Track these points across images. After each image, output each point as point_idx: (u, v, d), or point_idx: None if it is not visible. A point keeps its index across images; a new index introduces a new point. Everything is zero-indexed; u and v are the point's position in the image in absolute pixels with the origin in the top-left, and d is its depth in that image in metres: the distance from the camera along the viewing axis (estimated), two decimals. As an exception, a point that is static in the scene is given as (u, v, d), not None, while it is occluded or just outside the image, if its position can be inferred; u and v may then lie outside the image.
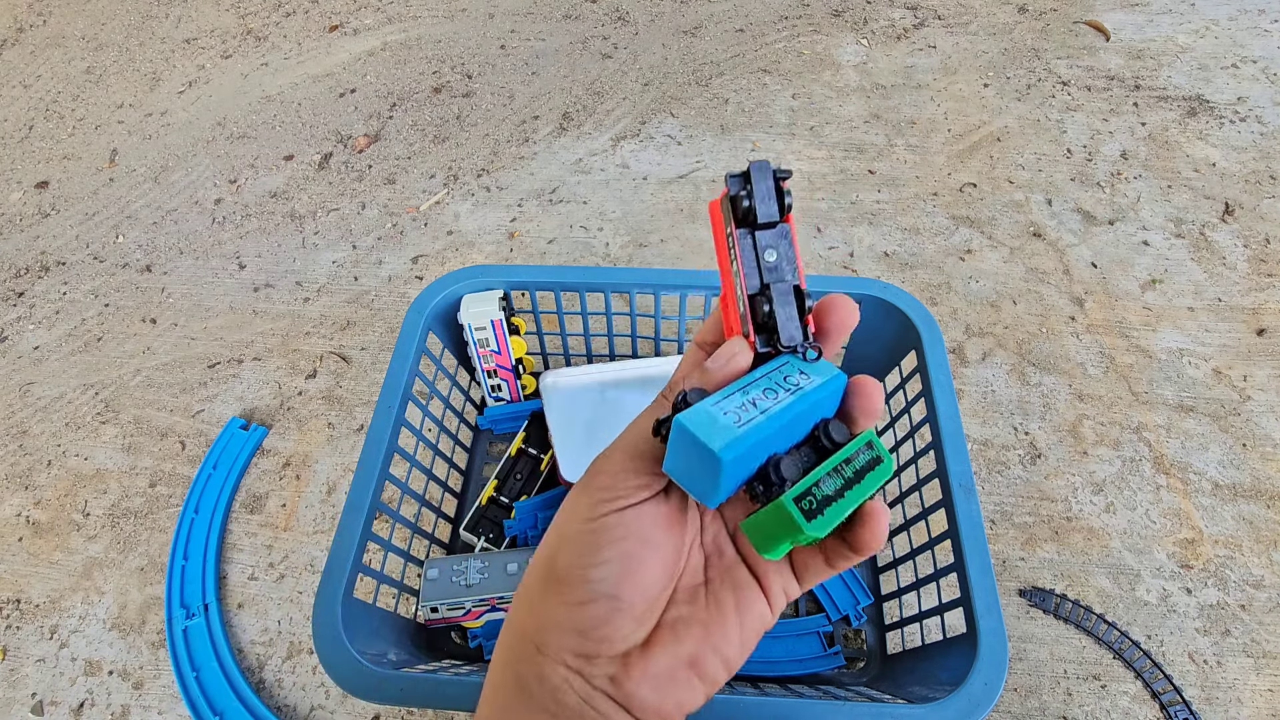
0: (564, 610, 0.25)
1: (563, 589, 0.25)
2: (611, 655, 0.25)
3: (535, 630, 0.26)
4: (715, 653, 0.26)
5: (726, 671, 0.26)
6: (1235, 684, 0.60)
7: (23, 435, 0.80)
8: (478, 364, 0.70)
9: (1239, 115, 1.05)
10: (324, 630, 0.48)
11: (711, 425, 0.23)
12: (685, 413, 0.23)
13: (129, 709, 0.62)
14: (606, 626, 0.24)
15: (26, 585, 0.69)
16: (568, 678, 0.25)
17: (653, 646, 0.25)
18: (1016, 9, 1.25)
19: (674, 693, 0.25)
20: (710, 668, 0.25)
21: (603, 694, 0.25)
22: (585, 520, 0.25)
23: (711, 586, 0.27)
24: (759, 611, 0.27)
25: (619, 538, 0.25)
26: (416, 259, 0.93)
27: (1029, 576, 0.66)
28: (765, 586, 0.27)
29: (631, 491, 0.25)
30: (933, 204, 0.96)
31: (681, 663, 0.25)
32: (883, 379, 0.70)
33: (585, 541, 0.25)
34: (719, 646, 0.26)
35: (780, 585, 0.27)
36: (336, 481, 0.74)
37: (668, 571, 0.26)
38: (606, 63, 1.19)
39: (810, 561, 0.27)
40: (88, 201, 1.04)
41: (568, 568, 0.25)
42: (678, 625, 0.26)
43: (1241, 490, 0.70)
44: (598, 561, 0.24)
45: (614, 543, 0.25)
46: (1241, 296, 0.85)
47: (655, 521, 0.25)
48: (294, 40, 1.29)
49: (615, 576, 0.24)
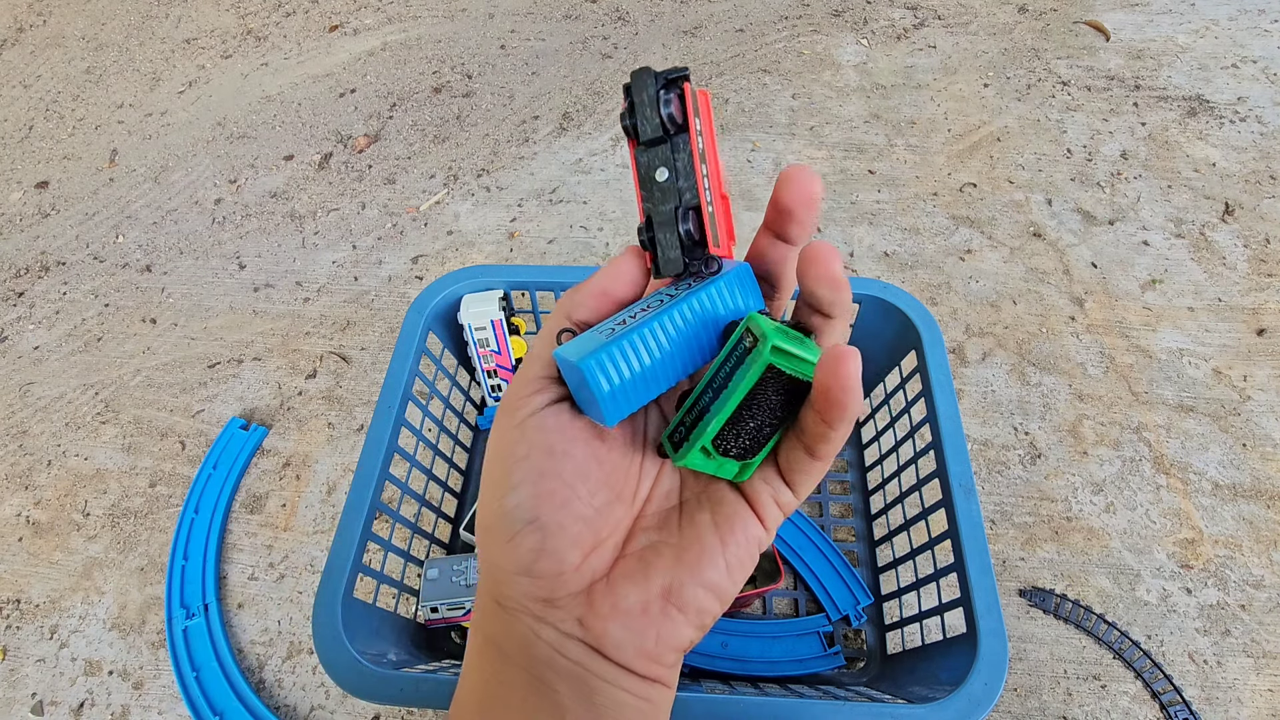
0: (502, 554, 0.23)
1: (492, 532, 0.23)
2: (573, 593, 0.23)
3: (491, 586, 0.24)
4: (695, 580, 0.23)
5: (717, 601, 0.23)
6: (1235, 684, 0.60)
7: (23, 435, 0.80)
8: (478, 364, 0.70)
9: (1239, 115, 1.05)
10: (324, 630, 0.48)
11: (580, 344, 0.23)
12: (563, 346, 0.23)
13: (129, 709, 0.62)
14: (544, 557, 0.22)
15: (26, 585, 0.69)
16: (534, 628, 0.23)
17: (618, 579, 0.23)
18: (1016, 9, 1.25)
19: (650, 629, 0.23)
20: (691, 597, 0.23)
21: (574, 640, 0.23)
22: (493, 450, 0.24)
23: (687, 508, 0.25)
24: (746, 529, 0.24)
25: (521, 456, 0.23)
26: (416, 259, 0.93)
27: (1029, 576, 0.66)
28: (751, 499, 0.24)
29: (525, 401, 0.23)
30: (933, 204, 0.96)
31: (654, 595, 0.23)
32: (883, 379, 0.70)
33: (496, 470, 0.23)
34: (698, 573, 0.23)
35: (769, 495, 0.24)
36: (336, 481, 0.74)
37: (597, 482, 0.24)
38: (606, 63, 1.19)
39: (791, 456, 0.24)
40: (88, 201, 1.04)
41: (488, 507, 0.23)
42: (646, 554, 0.24)
43: (1241, 490, 0.70)
44: (509, 488, 0.23)
45: (518, 462, 0.23)
46: (1241, 296, 0.85)
47: (562, 430, 0.23)
48: (294, 40, 1.29)
49: (529, 499, 0.22)
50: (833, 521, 0.69)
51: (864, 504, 0.70)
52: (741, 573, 0.24)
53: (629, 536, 0.25)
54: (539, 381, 0.24)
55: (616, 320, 0.24)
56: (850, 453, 0.73)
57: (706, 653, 0.60)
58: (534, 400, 0.24)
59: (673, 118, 0.23)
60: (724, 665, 0.60)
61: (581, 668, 0.23)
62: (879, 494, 0.68)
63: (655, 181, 0.24)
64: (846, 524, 0.69)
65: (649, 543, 0.24)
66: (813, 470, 0.23)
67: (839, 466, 0.73)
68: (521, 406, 0.23)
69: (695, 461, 0.23)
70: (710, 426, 0.22)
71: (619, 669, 0.23)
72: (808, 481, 0.24)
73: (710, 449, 0.23)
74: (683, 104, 0.23)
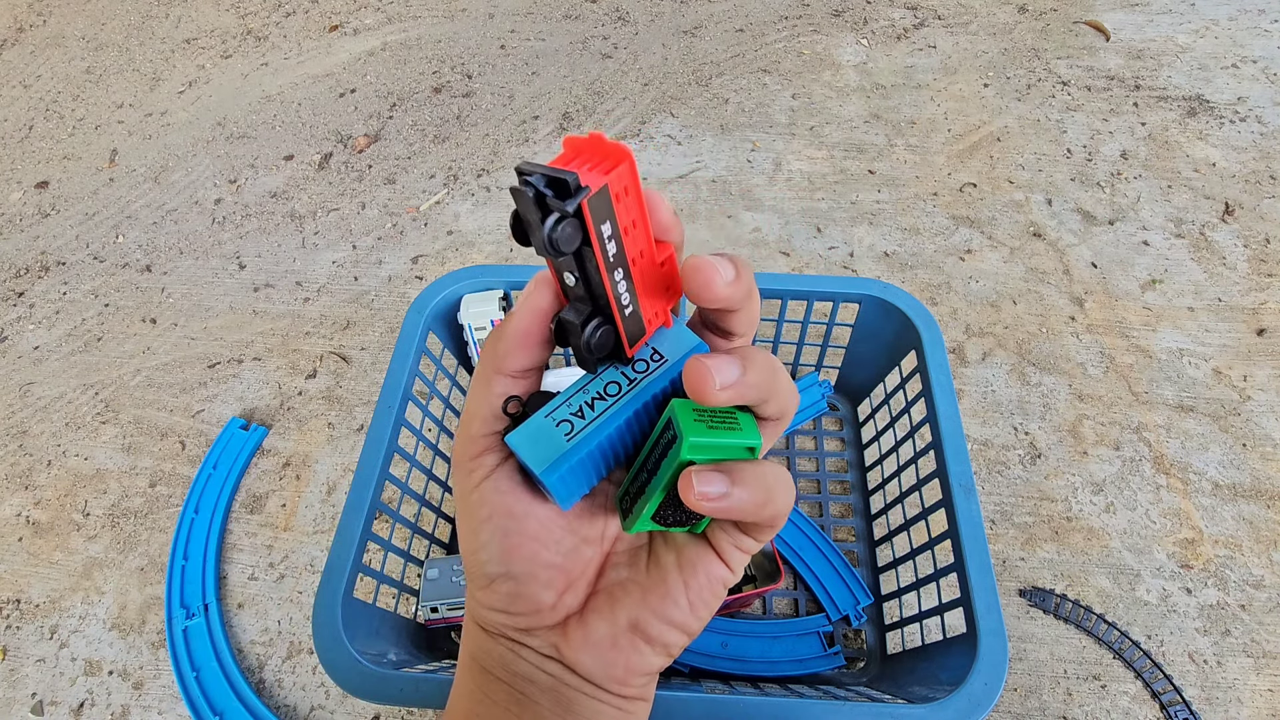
0: (481, 594, 0.25)
1: (470, 575, 0.25)
2: (549, 625, 0.25)
3: (474, 612, 0.26)
4: (657, 617, 0.24)
5: (683, 635, 0.25)
6: (1235, 684, 0.60)
7: (23, 435, 0.80)
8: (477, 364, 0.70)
9: (1239, 115, 1.05)
10: (324, 630, 0.48)
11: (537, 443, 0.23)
12: (515, 432, 0.23)
13: (129, 709, 0.62)
14: (520, 601, 0.24)
15: (26, 585, 0.69)
16: (514, 649, 0.25)
17: (589, 614, 0.25)
18: (1016, 9, 1.25)
19: (618, 659, 0.24)
20: (657, 632, 0.24)
21: (551, 660, 0.25)
22: (458, 506, 0.25)
23: (653, 548, 0.26)
24: (709, 570, 0.24)
25: (484, 518, 0.24)
26: (416, 259, 0.93)
27: (1029, 576, 0.66)
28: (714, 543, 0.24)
29: (474, 467, 0.24)
30: (933, 204, 0.96)
31: (621, 629, 0.24)
32: (883, 379, 0.70)
33: (465, 526, 0.25)
34: (661, 610, 0.24)
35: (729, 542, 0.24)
36: (336, 481, 0.74)
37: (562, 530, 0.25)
38: (606, 63, 1.19)
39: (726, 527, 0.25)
40: (88, 201, 1.04)
41: (465, 555, 0.25)
42: (615, 590, 0.25)
43: (1241, 490, 0.70)
44: (478, 546, 0.24)
45: (483, 523, 0.24)
46: (1241, 296, 0.85)
47: (516, 492, 0.24)
48: (294, 40, 1.29)
49: (498, 555, 0.24)
50: (833, 521, 0.69)
51: (864, 504, 0.70)
52: (705, 610, 0.25)
53: (601, 572, 0.26)
54: (485, 440, 0.24)
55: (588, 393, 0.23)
56: (850, 453, 0.73)
57: (706, 653, 0.60)
58: (484, 461, 0.24)
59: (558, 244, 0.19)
60: (724, 665, 0.60)
61: (560, 682, 0.25)
62: (879, 494, 0.68)
63: (565, 284, 0.22)
64: (846, 524, 0.69)
65: (619, 579, 0.25)
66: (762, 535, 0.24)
67: (839, 466, 0.73)
68: (475, 469, 0.24)
69: (646, 527, 0.24)
70: (650, 504, 0.23)
71: (594, 687, 0.25)
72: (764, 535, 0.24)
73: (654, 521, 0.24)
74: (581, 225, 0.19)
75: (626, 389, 0.23)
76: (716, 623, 0.61)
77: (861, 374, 0.73)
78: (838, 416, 0.76)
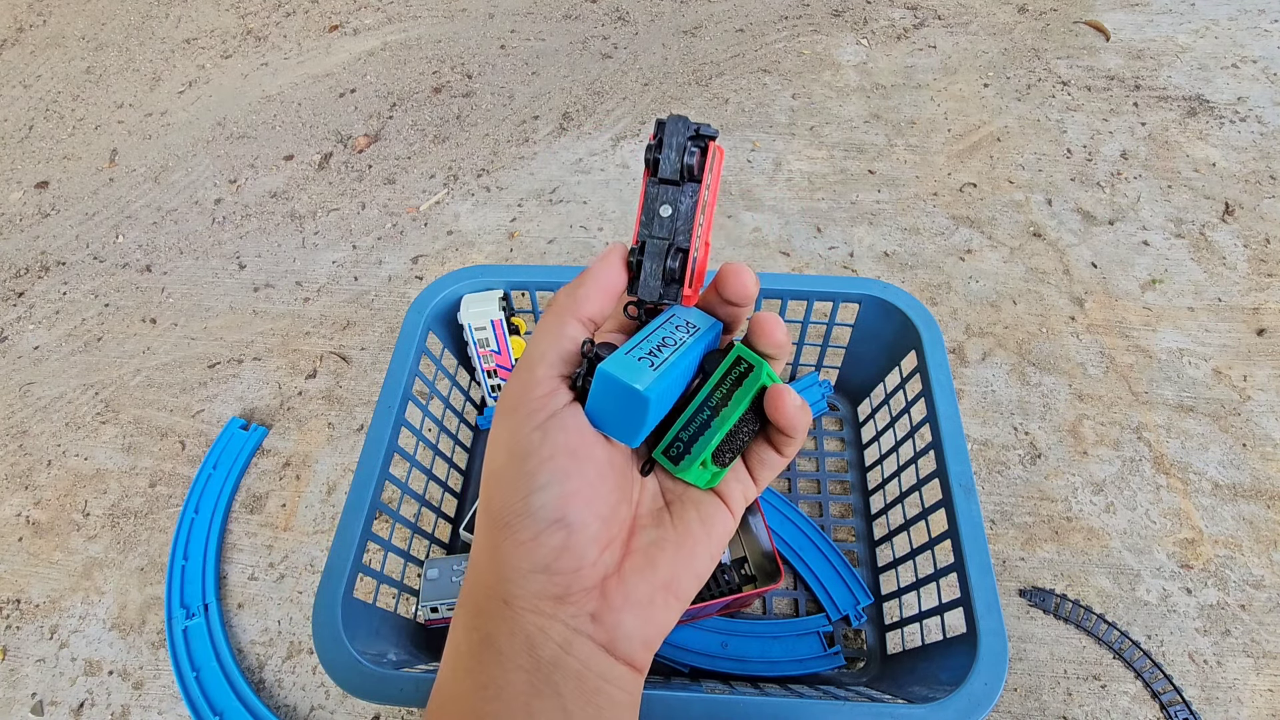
0: (519, 552, 0.23)
1: (510, 530, 0.24)
2: (586, 589, 0.24)
3: (498, 583, 0.24)
4: (689, 571, 0.26)
5: (698, 585, 0.27)
6: (1235, 684, 0.60)
7: (23, 435, 0.80)
8: (478, 364, 0.70)
9: (1239, 115, 1.05)
10: (324, 630, 0.48)
11: (631, 369, 0.24)
12: (606, 361, 0.24)
13: (129, 709, 0.62)
14: (566, 554, 0.23)
15: (26, 585, 0.69)
16: (543, 626, 0.24)
17: (628, 573, 0.25)
18: (1016, 9, 1.25)
19: (655, 618, 0.25)
20: (684, 586, 0.26)
21: (584, 636, 0.24)
22: (509, 449, 0.24)
23: (674, 508, 0.28)
24: (724, 522, 0.27)
25: (547, 456, 0.23)
26: (416, 259, 0.93)
27: (1029, 576, 0.66)
28: (725, 496, 0.28)
29: (543, 402, 0.24)
30: (933, 204, 0.96)
31: (659, 586, 0.25)
32: (883, 379, 0.70)
33: (516, 471, 0.24)
34: (690, 564, 0.26)
35: (740, 492, 0.28)
36: (336, 481, 0.74)
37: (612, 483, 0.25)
38: (606, 63, 1.19)
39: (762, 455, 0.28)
40: (88, 201, 1.04)
41: (507, 505, 0.24)
42: (650, 549, 0.26)
43: (1241, 490, 0.70)
44: (534, 488, 0.23)
45: (543, 463, 0.23)
46: (1241, 296, 0.85)
47: (582, 433, 0.24)
48: (294, 40, 1.29)
49: (556, 499, 0.23)
50: (833, 521, 0.69)
51: (864, 504, 0.70)
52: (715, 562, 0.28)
53: (631, 533, 0.26)
54: (552, 381, 0.25)
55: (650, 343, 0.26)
56: (850, 453, 0.73)
57: (706, 653, 0.60)
58: (552, 401, 0.25)
59: (692, 169, 0.26)
60: (724, 665, 0.59)
61: (586, 668, 0.24)
62: (879, 494, 0.68)
63: (658, 214, 0.26)
64: (846, 524, 0.69)
65: (650, 540, 0.26)
66: (777, 465, 0.28)
67: (839, 466, 0.73)
68: (540, 407, 0.24)
69: (692, 473, 0.27)
70: (713, 441, 0.26)
71: (620, 665, 0.24)
72: (770, 475, 0.29)
73: (708, 461, 0.26)
74: (704, 160, 0.26)
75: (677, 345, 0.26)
76: (716, 623, 0.61)
77: (861, 374, 0.73)
78: (838, 416, 0.76)
